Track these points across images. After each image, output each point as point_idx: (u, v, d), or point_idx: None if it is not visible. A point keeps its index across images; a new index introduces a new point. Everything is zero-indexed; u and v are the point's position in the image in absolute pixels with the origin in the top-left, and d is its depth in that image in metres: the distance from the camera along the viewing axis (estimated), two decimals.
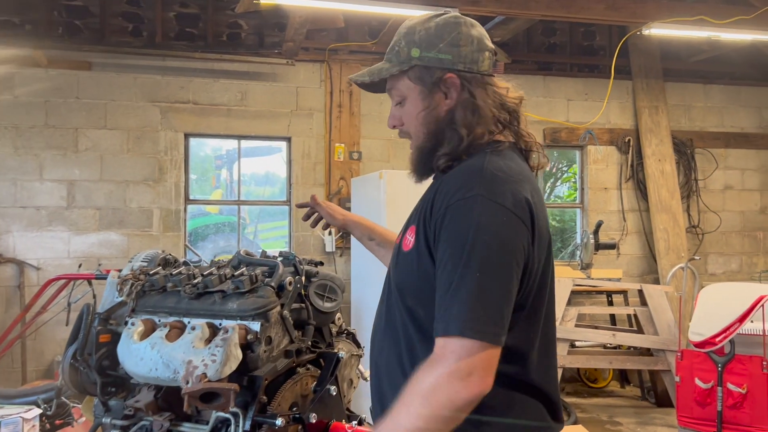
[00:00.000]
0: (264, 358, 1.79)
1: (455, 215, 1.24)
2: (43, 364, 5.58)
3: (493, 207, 1.23)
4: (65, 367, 2.03)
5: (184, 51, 5.90)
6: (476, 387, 1.16)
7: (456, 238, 1.23)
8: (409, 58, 1.39)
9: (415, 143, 1.45)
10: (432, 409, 1.16)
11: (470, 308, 1.17)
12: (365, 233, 2.00)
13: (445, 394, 1.15)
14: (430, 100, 1.39)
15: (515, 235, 1.24)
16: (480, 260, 1.20)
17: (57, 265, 5.60)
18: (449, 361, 1.17)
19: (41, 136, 5.63)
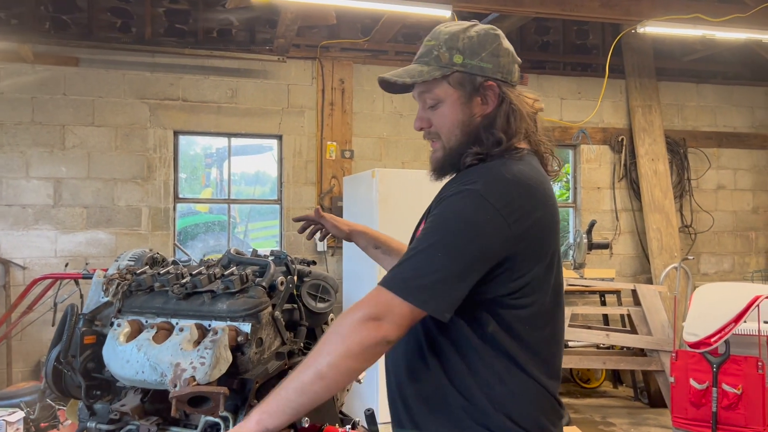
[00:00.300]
0: (255, 360, 1.74)
1: (449, 201, 1.35)
2: (29, 365, 5.49)
3: (482, 203, 1.31)
4: (49, 370, 1.97)
5: (174, 47, 5.83)
6: (383, 331, 1.27)
7: (436, 219, 1.35)
8: (452, 64, 1.45)
9: (447, 144, 1.50)
10: (344, 346, 1.26)
11: (411, 273, 1.29)
12: (370, 242, 2.02)
13: (357, 333, 1.27)
14: (468, 106, 1.46)
15: (491, 233, 1.31)
16: (444, 241, 1.30)
17: (43, 265, 5.51)
18: (368, 306, 1.29)
19: (27, 132, 5.54)
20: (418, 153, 6.49)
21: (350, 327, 1.28)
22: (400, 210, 4.90)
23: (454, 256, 1.29)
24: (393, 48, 6.43)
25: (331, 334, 1.30)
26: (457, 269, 1.30)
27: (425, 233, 1.34)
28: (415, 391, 1.44)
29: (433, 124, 1.51)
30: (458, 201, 1.33)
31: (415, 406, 1.45)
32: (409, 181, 5.11)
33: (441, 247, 1.30)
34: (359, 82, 6.35)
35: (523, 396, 1.38)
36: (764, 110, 7.55)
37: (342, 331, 1.29)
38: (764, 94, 7.56)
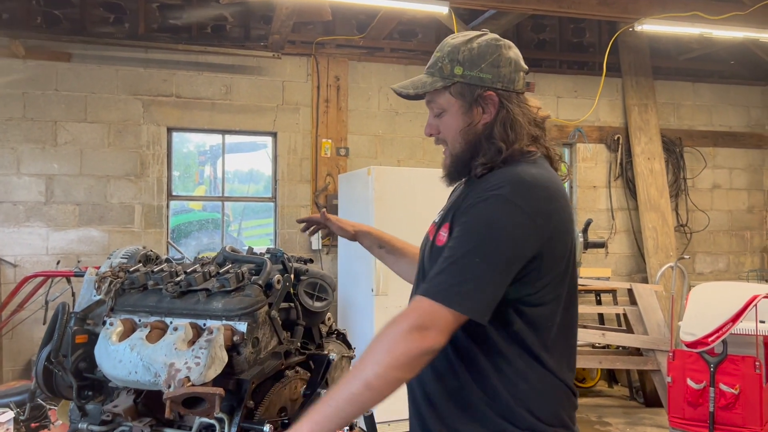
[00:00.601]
0: (251, 360, 1.70)
1: (478, 207, 1.39)
2: (19, 364, 5.42)
3: (511, 207, 1.37)
4: (39, 370, 1.93)
5: (168, 43, 5.77)
6: (430, 340, 1.31)
7: (469, 224, 1.39)
8: (452, 75, 1.52)
9: (452, 152, 1.57)
10: (391, 356, 1.30)
11: (453, 281, 1.33)
12: (374, 242, 2.05)
13: (404, 345, 1.30)
14: (469, 115, 1.52)
15: (523, 236, 1.37)
16: (480, 247, 1.35)
17: (35, 262, 5.45)
18: (413, 317, 1.33)
19: (19, 129, 5.47)
20: (414, 151, 6.46)
21: (396, 338, 1.31)
22: (396, 208, 4.87)
23: (491, 261, 1.34)
24: (389, 45, 6.39)
25: (377, 346, 1.33)
26: (494, 273, 1.35)
27: (459, 241, 1.38)
28: (439, 390, 1.48)
29: (440, 131, 1.59)
30: (488, 207, 1.38)
31: (439, 404, 1.48)
32: (404, 178, 5.08)
33: (478, 253, 1.35)
34: (355, 79, 6.31)
35: (545, 391, 1.44)
36: (760, 109, 7.55)
37: (389, 343, 1.32)
38: (760, 94, 7.56)
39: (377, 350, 1.32)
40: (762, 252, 7.51)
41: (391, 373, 1.30)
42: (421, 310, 1.34)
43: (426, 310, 1.33)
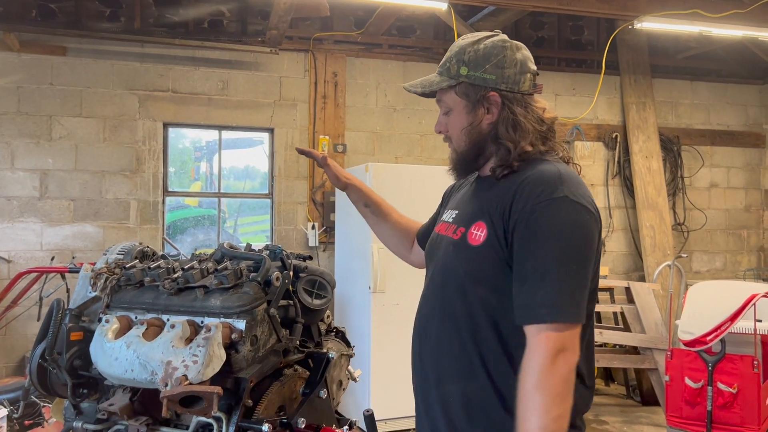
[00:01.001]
0: (249, 358, 1.67)
1: (545, 213, 1.40)
2: (13, 360, 5.38)
3: (578, 207, 1.42)
4: (33, 368, 1.90)
5: (164, 37, 5.72)
6: (572, 358, 1.35)
7: (548, 234, 1.39)
8: (458, 75, 1.56)
9: (456, 149, 1.62)
10: (553, 395, 1.31)
11: (558, 294, 1.35)
12: (361, 198, 2.10)
13: (556, 376, 1.32)
14: (473, 114, 1.56)
15: (593, 233, 1.44)
16: (569, 254, 1.38)
17: (29, 258, 5.40)
18: (546, 348, 1.33)
19: (13, 123, 5.42)
20: (412, 148, 6.43)
21: (546, 376, 1.32)
22: (394, 204, 4.82)
23: (581, 263, 1.40)
24: (387, 41, 6.35)
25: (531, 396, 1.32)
26: (586, 275, 1.41)
27: (542, 253, 1.38)
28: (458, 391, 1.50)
29: (448, 129, 1.63)
30: (558, 212, 1.40)
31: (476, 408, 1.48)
32: (402, 175, 5.05)
33: (570, 261, 1.38)
34: (352, 76, 6.27)
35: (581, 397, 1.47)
36: (758, 108, 7.55)
37: (541, 385, 1.32)
38: (758, 93, 7.56)
39: (536, 401, 1.31)
40: (759, 251, 7.51)
41: (561, 408, 1.31)
42: (551, 338, 1.34)
43: (554, 337, 1.34)
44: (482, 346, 1.47)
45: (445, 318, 1.54)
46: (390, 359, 4.79)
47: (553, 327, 1.34)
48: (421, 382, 1.61)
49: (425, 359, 1.59)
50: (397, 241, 2.09)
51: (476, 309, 1.48)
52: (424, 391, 1.58)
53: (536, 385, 1.32)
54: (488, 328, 1.46)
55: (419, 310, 1.66)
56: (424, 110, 6.44)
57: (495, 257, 1.46)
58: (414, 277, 2.36)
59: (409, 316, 1.71)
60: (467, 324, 1.49)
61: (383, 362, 4.83)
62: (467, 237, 1.52)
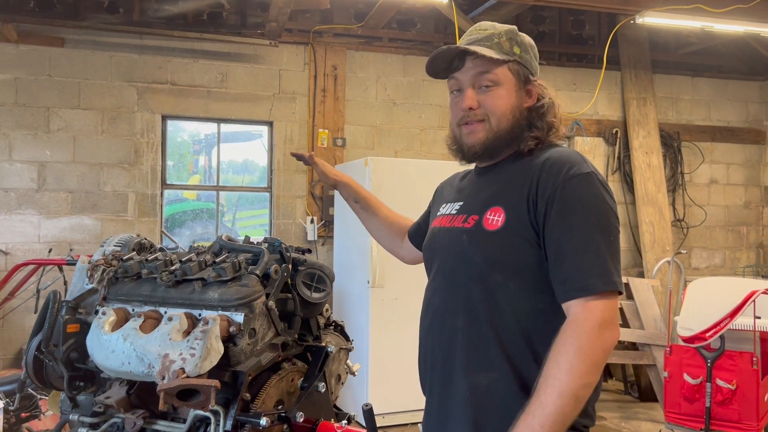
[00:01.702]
0: (247, 351, 1.66)
1: (576, 188, 1.42)
2: (10, 353, 5.37)
3: (599, 183, 1.45)
4: (29, 360, 1.88)
5: (163, 29, 5.68)
6: (617, 330, 1.37)
7: (586, 207, 1.41)
8: (512, 53, 1.57)
9: (497, 126, 1.56)
10: (592, 362, 1.31)
11: (604, 264, 1.37)
12: (351, 194, 2.11)
13: (599, 345, 1.32)
14: (519, 94, 1.58)
15: (615, 207, 1.47)
16: (605, 225, 1.41)
17: (26, 250, 5.39)
18: (595, 317, 1.33)
19: (10, 114, 5.39)
20: (411, 142, 6.41)
21: (592, 344, 1.32)
22: (394, 199, 4.77)
23: (617, 236, 1.44)
24: (387, 35, 6.32)
25: (571, 359, 1.31)
26: (618, 245, 1.44)
27: (582, 224, 1.40)
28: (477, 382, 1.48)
29: (482, 105, 1.56)
30: (587, 187, 1.43)
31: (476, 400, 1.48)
32: (402, 169, 5.04)
33: (608, 233, 1.41)
34: (352, 69, 6.25)
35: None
36: (758, 105, 7.54)
37: (585, 351, 1.31)
38: (758, 89, 7.54)
39: (573, 363, 1.30)
40: (758, 248, 7.51)
41: (592, 377, 1.32)
42: (598, 308, 1.34)
43: (602, 306, 1.34)
44: (501, 334, 1.45)
45: (460, 308, 1.52)
46: (388, 354, 4.78)
47: (602, 296, 1.34)
48: (435, 376, 1.58)
49: (439, 352, 1.56)
50: (387, 235, 2.10)
51: (494, 296, 1.47)
52: (441, 386, 1.56)
53: (579, 350, 1.31)
54: (507, 315, 1.45)
55: (428, 303, 1.64)
56: (424, 104, 6.42)
57: (516, 240, 1.45)
58: (413, 272, 2.34)
59: (408, 311, 1.70)
60: (485, 312, 1.47)
61: (382, 357, 4.82)
62: (482, 223, 1.50)
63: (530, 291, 1.44)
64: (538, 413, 1.29)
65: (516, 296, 1.45)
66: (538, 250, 1.44)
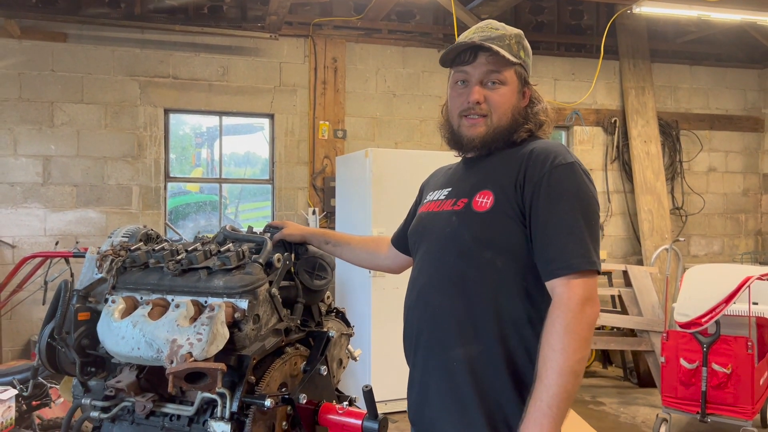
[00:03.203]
0: (252, 336, 1.72)
1: (561, 176, 1.52)
2: (19, 344, 5.45)
3: (582, 172, 1.55)
4: (42, 347, 1.94)
5: (164, 24, 5.73)
6: (597, 305, 1.47)
7: (569, 194, 1.51)
8: (519, 56, 1.68)
9: (497, 123, 1.66)
10: (580, 338, 1.41)
11: (586, 245, 1.47)
12: (321, 240, 2.10)
13: (584, 320, 1.42)
14: (518, 95, 1.68)
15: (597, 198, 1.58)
16: (587, 211, 1.51)
17: (33, 243, 5.46)
18: (578, 294, 1.43)
19: (15, 109, 5.45)
20: (411, 133, 6.46)
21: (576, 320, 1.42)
22: (394, 190, 4.88)
23: (597, 221, 1.54)
24: (386, 26, 6.36)
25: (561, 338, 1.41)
26: (599, 232, 1.55)
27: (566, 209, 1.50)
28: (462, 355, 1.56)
29: (487, 101, 1.65)
30: (571, 176, 1.53)
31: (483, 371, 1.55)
32: (402, 161, 5.09)
33: (589, 217, 1.51)
34: (352, 61, 6.29)
35: None
36: (756, 92, 7.57)
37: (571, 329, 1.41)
38: (757, 77, 7.57)
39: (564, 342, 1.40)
40: (756, 235, 7.56)
41: (584, 351, 1.42)
42: (580, 286, 1.45)
43: (584, 284, 1.45)
44: (487, 309, 1.54)
45: (446, 284, 1.60)
46: (390, 342, 4.85)
47: (582, 275, 1.45)
48: (420, 349, 1.67)
49: (424, 327, 1.65)
50: (367, 254, 2.15)
51: (482, 272, 1.55)
52: (424, 359, 1.64)
53: (566, 328, 1.41)
54: (494, 291, 1.54)
55: (413, 282, 1.72)
56: (424, 96, 6.47)
57: (504, 220, 1.55)
58: None
59: None
60: (472, 288, 1.56)
61: (384, 345, 4.89)
62: (472, 205, 1.60)
63: (516, 269, 1.53)
64: (544, 396, 1.39)
65: (502, 273, 1.54)
66: (525, 231, 1.54)
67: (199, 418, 1.73)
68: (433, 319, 1.63)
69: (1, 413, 2.72)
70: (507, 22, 1.75)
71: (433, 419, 1.64)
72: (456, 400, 1.57)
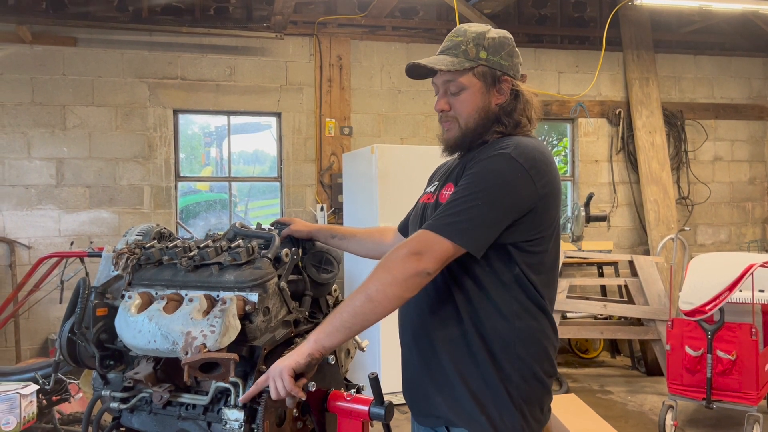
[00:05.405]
0: (262, 328, 1.80)
1: (483, 163, 1.62)
2: (36, 343, 5.58)
3: (513, 162, 1.59)
4: (63, 342, 2.03)
5: (171, 26, 5.83)
6: (426, 263, 1.53)
7: (474, 175, 1.60)
8: (478, 58, 1.72)
9: (465, 126, 1.75)
10: (390, 275, 1.53)
11: (452, 218, 1.55)
12: (327, 235, 2.20)
13: (401, 265, 1.53)
14: (487, 95, 1.73)
15: (521, 188, 1.58)
16: (482, 193, 1.56)
17: (48, 244, 5.58)
18: (412, 244, 1.55)
19: (28, 113, 5.57)
20: (417, 129, 6.52)
21: (395, 260, 1.53)
22: (400, 185, 4.95)
23: (491, 205, 1.55)
24: (390, 23, 6.42)
25: (378, 267, 1.55)
26: (492, 216, 1.56)
27: (464, 187, 1.58)
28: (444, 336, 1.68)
29: (452, 107, 1.76)
30: (493, 162, 1.60)
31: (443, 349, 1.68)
32: (408, 156, 5.15)
33: (480, 197, 1.55)
34: (357, 58, 6.36)
35: (536, 331, 1.66)
36: (761, 81, 7.57)
37: (388, 264, 1.54)
38: (762, 65, 7.57)
39: (379, 271, 1.54)
40: (763, 223, 7.57)
41: (389, 289, 1.52)
42: (420, 239, 1.55)
43: (424, 239, 1.54)
44: (461, 292, 1.65)
45: None
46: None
47: (427, 234, 1.55)
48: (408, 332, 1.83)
49: (413, 311, 1.79)
50: (372, 244, 2.25)
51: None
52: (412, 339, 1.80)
53: (387, 263, 1.55)
54: (465, 274, 1.64)
55: None
56: (429, 91, 6.52)
57: None
58: None
59: None
60: (447, 273, 1.66)
61: (393, 337, 4.96)
62: (439, 197, 1.74)
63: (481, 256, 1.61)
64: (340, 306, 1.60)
65: (468, 259, 1.62)
66: None
67: (213, 407, 1.81)
68: (417, 304, 1.76)
69: (24, 408, 2.83)
70: (510, 17, 1.83)
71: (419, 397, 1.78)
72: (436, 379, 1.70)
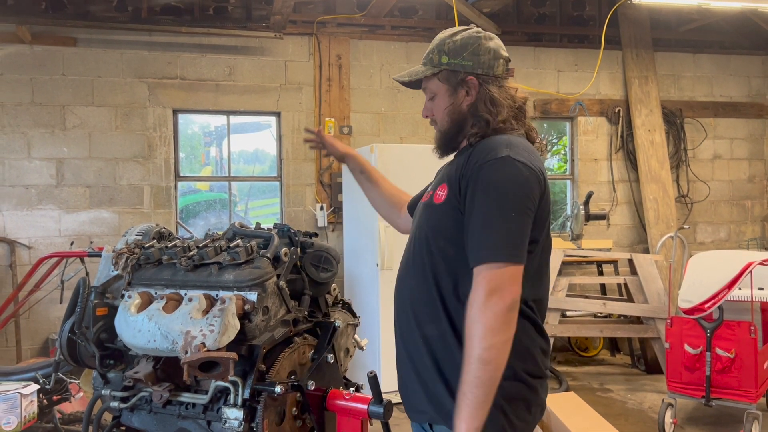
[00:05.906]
0: (261, 327, 1.81)
1: (489, 171, 1.60)
2: (37, 342, 5.59)
3: (518, 164, 1.61)
4: (63, 341, 2.04)
5: (171, 26, 5.83)
6: (508, 296, 1.51)
7: (489, 187, 1.59)
8: (440, 64, 1.79)
9: (440, 128, 1.84)
10: (485, 327, 1.50)
11: (496, 237, 1.55)
12: (358, 166, 2.36)
13: (490, 311, 1.50)
14: (454, 97, 1.79)
15: (532, 187, 1.61)
16: (507, 203, 1.57)
17: (48, 244, 5.59)
18: (483, 285, 1.52)
19: (28, 113, 5.57)
20: (416, 128, 6.53)
21: (480, 313, 1.51)
22: (400, 184, 4.90)
23: (519, 212, 1.58)
24: (389, 23, 6.43)
25: (471, 328, 1.52)
26: (525, 221, 1.59)
27: (486, 202, 1.58)
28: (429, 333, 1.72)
29: (433, 112, 1.86)
30: (498, 169, 1.60)
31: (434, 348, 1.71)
32: (407, 155, 5.16)
33: (508, 209, 1.56)
34: (356, 58, 6.37)
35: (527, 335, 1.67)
36: (760, 79, 7.57)
37: (477, 320, 1.51)
38: (761, 63, 7.57)
39: (472, 332, 1.51)
40: (763, 221, 7.58)
41: (493, 340, 1.49)
42: (486, 277, 1.53)
43: (490, 276, 1.53)
44: (443, 293, 1.69)
45: (416, 270, 1.77)
46: None
47: (490, 267, 1.53)
48: (398, 328, 1.87)
49: (401, 309, 1.84)
50: (387, 206, 2.36)
51: (437, 259, 1.70)
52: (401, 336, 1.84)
53: (472, 319, 1.52)
54: (447, 277, 1.68)
55: (400, 265, 1.90)
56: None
57: (453, 213, 1.67)
58: None
59: None
60: (432, 273, 1.71)
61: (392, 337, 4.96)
62: (433, 198, 1.77)
63: (465, 257, 1.63)
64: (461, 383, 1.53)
65: (453, 260, 1.67)
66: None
67: (213, 406, 1.82)
68: (402, 302, 1.84)
69: (24, 407, 2.84)
70: (509, 16, 1.86)
71: (408, 393, 1.82)
72: (420, 376, 1.73)
